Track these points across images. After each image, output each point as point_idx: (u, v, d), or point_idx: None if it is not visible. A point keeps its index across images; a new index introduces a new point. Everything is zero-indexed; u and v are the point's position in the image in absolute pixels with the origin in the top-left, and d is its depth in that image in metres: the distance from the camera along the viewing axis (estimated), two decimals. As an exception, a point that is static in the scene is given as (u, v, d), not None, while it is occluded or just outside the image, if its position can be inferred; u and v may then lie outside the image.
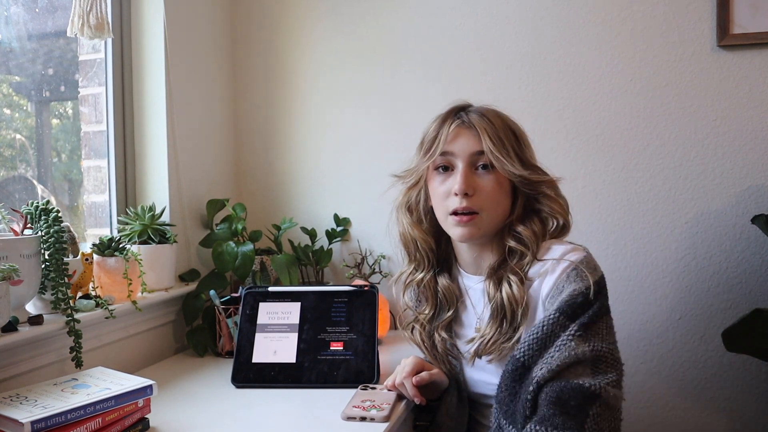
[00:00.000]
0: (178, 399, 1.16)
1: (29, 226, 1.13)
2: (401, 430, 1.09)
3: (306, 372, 1.23)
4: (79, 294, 1.21)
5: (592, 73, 1.62)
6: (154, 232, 1.42)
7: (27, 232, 1.12)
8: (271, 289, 1.34)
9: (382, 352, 1.45)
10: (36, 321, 1.08)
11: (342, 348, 1.25)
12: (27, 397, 0.92)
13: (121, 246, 1.31)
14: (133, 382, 0.99)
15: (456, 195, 1.05)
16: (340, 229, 1.78)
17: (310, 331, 1.27)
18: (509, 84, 1.67)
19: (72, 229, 1.23)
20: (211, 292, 1.48)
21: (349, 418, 1.03)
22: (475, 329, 1.12)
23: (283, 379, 1.23)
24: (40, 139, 1.43)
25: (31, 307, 1.15)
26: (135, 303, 1.28)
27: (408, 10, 1.73)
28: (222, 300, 1.48)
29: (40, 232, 1.12)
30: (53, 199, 1.44)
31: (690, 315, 1.59)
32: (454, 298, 1.15)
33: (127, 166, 1.54)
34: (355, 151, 1.79)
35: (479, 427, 1.17)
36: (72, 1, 1.27)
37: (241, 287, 1.39)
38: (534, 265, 1.05)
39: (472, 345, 1.08)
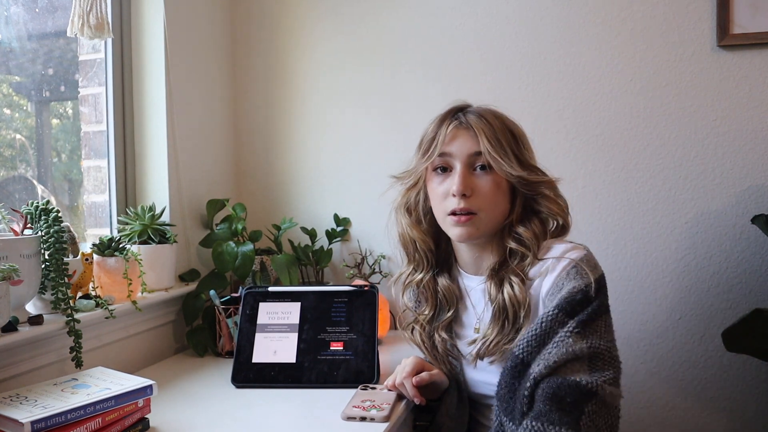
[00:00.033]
0: (178, 399, 1.16)
1: (29, 226, 1.13)
2: (401, 430, 1.09)
3: (306, 372, 1.23)
4: (79, 294, 1.21)
5: (592, 73, 1.62)
6: (154, 232, 1.42)
7: (27, 232, 1.12)
8: (271, 289, 1.35)
9: (382, 352, 1.45)
10: (36, 321, 1.08)
11: (342, 348, 1.25)
12: (27, 397, 0.92)
13: (121, 246, 1.31)
14: (133, 382, 0.99)
15: (454, 196, 1.05)
16: (340, 229, 1.78)
17: (310, 331, 1.27)
18: (509, 84, 1.67)
19: (72, 229, 1.23)
20: (211, 292, 1.48)
21: (349, 418, 1.03)
22: (475, 329, 1.12)
23: (283, 379, 1.23)
24: (40, 139, 1.43)
25: (31, 307, 1.15)
26: (135, 303, 1.28)
27: (408, 10, 1.73)
28: (222, 300, 1.48)
29: (40, 232, 1.12)
30: (53, 199, 1.44)
31: (690, 315, 1.59)
32: (455, 299, 1.15)
33: (127, 166, 1.54)
34: (355, 151, 1.79)
35: (479, 428, 1.16)
36: (72, 1, 1.27)
37: (241, 287, 1.39)
38: (534, 264, 1.05)
39: (474, 347, 1.08)
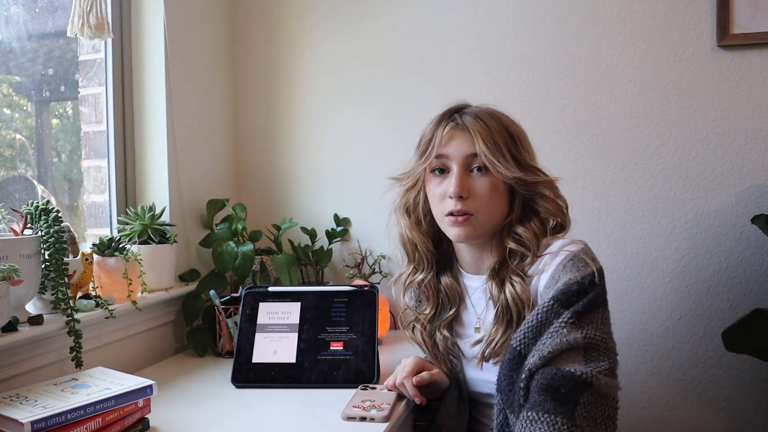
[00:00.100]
0: (178, 399, 1.16)
1: (29, 226, 1.13)
2: (401, 430, 1.09)
3: (306, 372, 1.23)
4: (79, 294, 1.21)
5: (592, 73, 1.62)
6: (154, 232, 1.42)
7: (27, 232, 1.12)
8: (271, 289, 1.34)
9: (382, 352, 1.45)
10: (36, 321, 1.08)
11: (342, 348, 1.25)
12: (27, 397, 0.92)
13: (121, 246, 1.31)
14: (133, 382, 0.99)
15: (451, 198, 1.05)
16: (340, 229, 1.78)
17: (310, 331, 1.27)
18: (509, 84, 1.67)
19: (72, 229, 1.23)
20: (211, 292, 1.48)
21: (349, 418, 1.03)
22: (476, 329, 1.12)
23: (283, 379, 1.23)
24: (40, 139, 1.43)
25: (31, 307, 1.15)
26: (135, 303, 1.28)
27: (408, 10, 1.73)
28: (222, 300, 1.48)
29: (40, 232, 1.12)
30: (53, 199, 1.44)
31: (690, 315, 1.59)
32: (457, 297, 1.15)
33: (127, 166, 1.54)
34: (355, 151, 1.79)
35: (480, 427, 1.16)
36: (72, 1, 1.27)
37: (241, 287, 1.39)
38: (533, 262, 1.05)
39: (478, 348, 1.08)
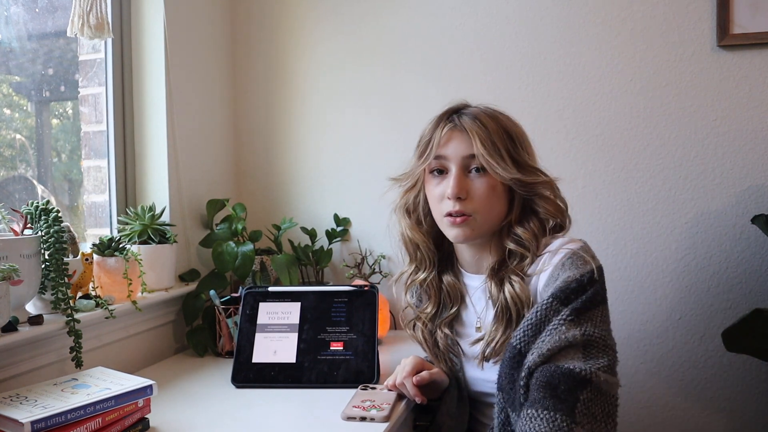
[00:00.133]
0: (178, 399, 1.16)
1: (29, 226, 1.13)
2: (401, 430, 1.09)
3: (306, 372, 1.23)
4: (79, 294, 1.21)
5: (592, 73, 1.62)
6: (154, 232, 1.42)
7: (27, 232, 1.12)
8: (271, 289, 1.34)
9: (382, 352, 1.45)
10: (36, 321, 1.08)
11: (342, 348, 1.25)
12: (27, 397, 0.92)
13: (121, 246, 1.31)
14: (133, 382, 0.99)
15: (449, 198, 1.04)
16: (340, 229, 1.78)
17: (310, 331, 1.27)
18: (509, 84, 1.67)
19: (72, 229, 1.23)
20: (211, 292, 1.48)
21: (349, 418, 1.03)
22: (476, 328, 1.12)
23: (283, 379, 1.23)
24: (40, 139, 1.43)
25: (31, 307, 1.15)
26: (135, 303, 1.28)
27: (408, 10, 1.73)
28: (222, 300, 1.48)
29: (40, 232, 1.12)
30: (53, 199, 1.44)
31: (690, 315, 1.59)
32: (458, 296, 1.15)
33: (127, 166, 1.54)
34: (355, 151, 1.79)
35: (480, 426, 1.16)
36: (72, 1, 1.27)
37: (241, 287, 1.39)
38: (532, 261, 1.05)
39: (478, 347, 1.08)
